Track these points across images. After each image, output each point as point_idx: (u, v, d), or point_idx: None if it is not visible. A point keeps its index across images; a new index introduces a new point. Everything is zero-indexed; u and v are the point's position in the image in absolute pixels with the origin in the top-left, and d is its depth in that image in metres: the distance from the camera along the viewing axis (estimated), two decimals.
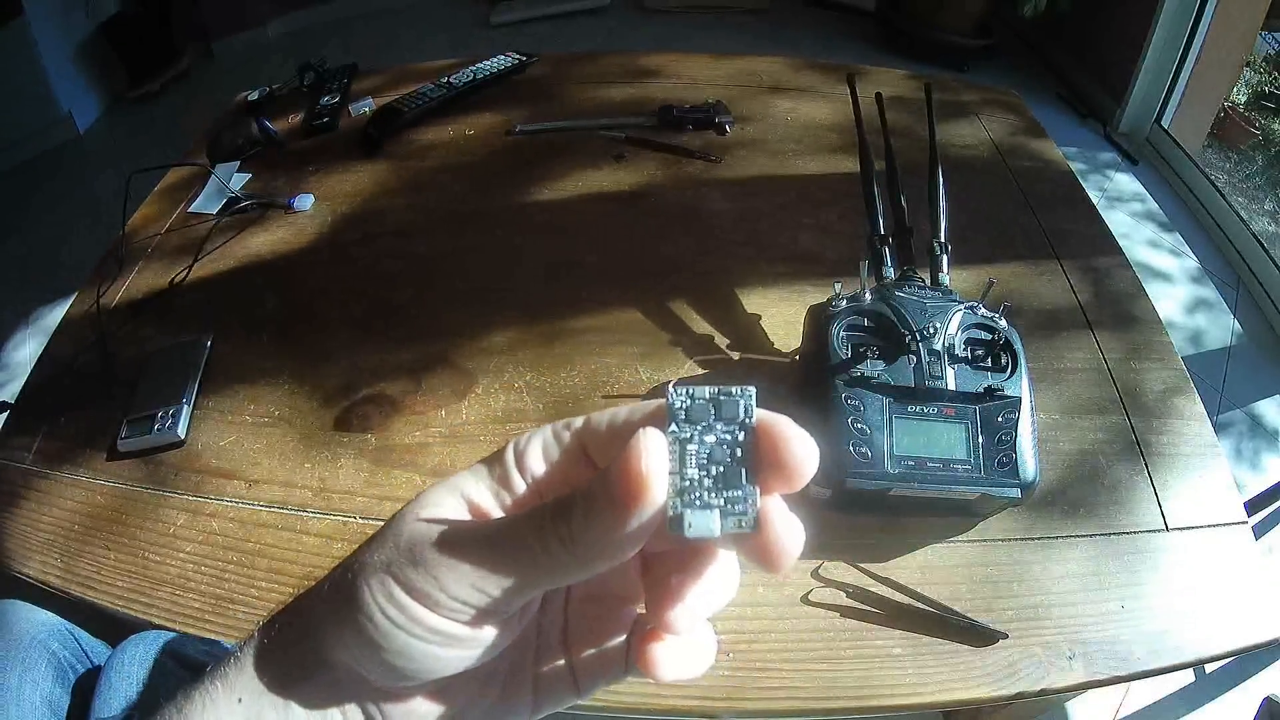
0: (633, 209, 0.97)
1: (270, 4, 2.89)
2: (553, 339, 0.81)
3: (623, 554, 0.20)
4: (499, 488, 0.23)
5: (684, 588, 0.22)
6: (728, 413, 0.20)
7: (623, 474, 0.19)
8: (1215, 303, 1.83)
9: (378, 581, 0.21)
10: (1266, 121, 2.36)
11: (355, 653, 0.21)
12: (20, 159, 2.33)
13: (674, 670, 0.22)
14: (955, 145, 1.07)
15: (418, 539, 0.21)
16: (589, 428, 0.23)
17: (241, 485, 0.69)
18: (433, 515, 0.22)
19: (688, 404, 0.20)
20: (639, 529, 0.19)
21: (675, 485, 0.20)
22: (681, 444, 0.20)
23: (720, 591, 0.22)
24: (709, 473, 0.20)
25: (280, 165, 1.07)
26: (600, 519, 0.19)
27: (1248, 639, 0.60)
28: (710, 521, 0.19)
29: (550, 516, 0.20)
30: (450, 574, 0.20)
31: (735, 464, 0.20)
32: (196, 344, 0.80)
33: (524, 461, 0.23)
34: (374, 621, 0.21)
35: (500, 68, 1.20)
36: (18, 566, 0.65)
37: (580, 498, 0.20)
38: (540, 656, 0.25)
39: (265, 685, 0.22)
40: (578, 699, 0.26)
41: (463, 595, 0.20)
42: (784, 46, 2.67)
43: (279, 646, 0.23)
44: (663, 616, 0.22)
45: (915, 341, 0.62)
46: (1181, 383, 0.77)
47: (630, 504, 0.19)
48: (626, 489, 0.19)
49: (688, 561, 0.22)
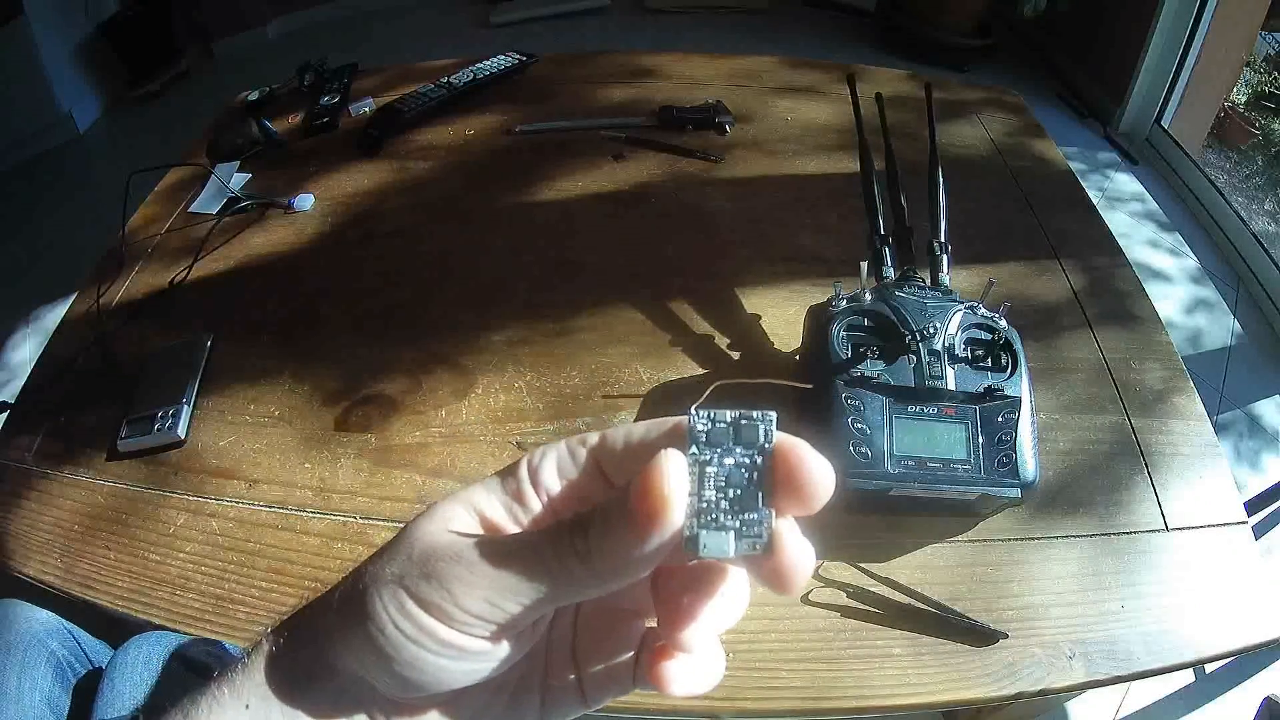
0: (633, 209, 0.97)
1: (270, 4, 2.89)
2: (553, 339, 0.81)
3: (639, 572, 0.20)
4: (512, 502, 0.23)
5: (696, 606, 0.22)
6: (747, 437, 0.21)
7: (643, 494, 0.19)
8: (1215, 303, 1.83)
9: (390, 594, 0.21)
10: (1266, 121, 2.36)
11: (366, 663, 0.21)
12: (20, 159, 2.33)
13: (686, 686, 0.22)
14: (955, 145, 1.07)
15: (431, 552, 0.21)
16: (605, 445, 0.23)
17: (241, 485, 0.69)
18: (445, 528, 0.22)
19: (709, 427, 0.21)
20: (656, 548, 0.20)
21: (692, 506, 0.20)
22: (701, 466, 0.20)
23: (732, 609, 0.22)
24: (726, 495, 0.20)
25: (280, 165, 1.07)
26: (618, 537, 0.20)
27: (1248, 639, 0.60)
28: (725, 543, 0.20)
29: (568, 533, 0.20)
30: (464, 588, 0.20)
31: (752, 487, 0.20)
32: (196, 344, 0.80)
33: (538, 477, 0.23)
34: (385, 634, 0.21)
35: (500, 68, 1.20)
36: (18, 566, 0.65)
37: (599, 515, 0.20)
38: (549, 668, 0.25)
39: (274, 692, 0.22)
40: (584, 709, 0.26)
41: (476, 610, 0.20)
42: (784, 46, 2.66)
43: (288, 654, 0.23)
44: (676, 635, 0.22)
45: (915, 341, 0.62)
46: (1181, 383, 0.77)
47: (649, 524, 0.19)
48: (646, 509, 0.19)
49: (700, 580, 0.22)
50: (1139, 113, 2.29)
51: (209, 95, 1.59)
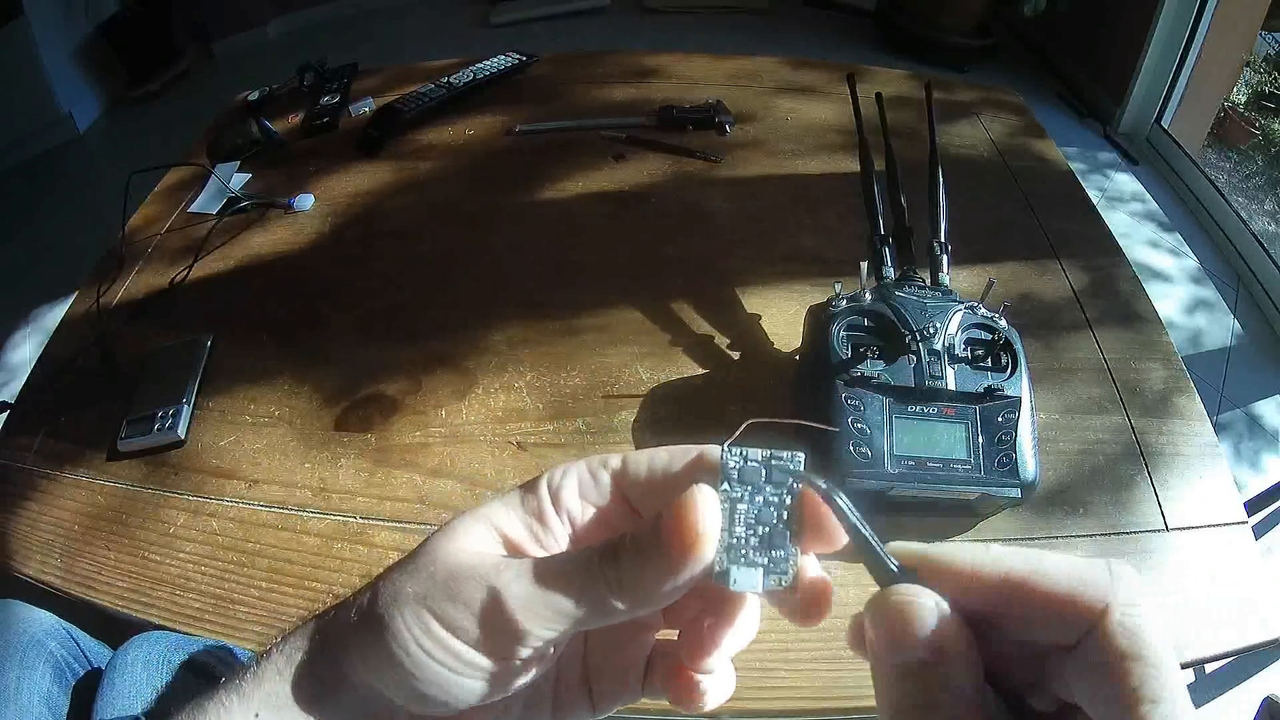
0: (633, 209, 0.97)
1: (270, 4, 2.89)
2: (553, 339, 0.81)
3: (667, 602, 0.21)
4: (533, 521, 0.23)
5: (718, 633, 0.23)
6: (778, 477, 0.21)
7: (677, 529, 0.20)
8: (1215, 303, 1.83)
9: (412, 614, 0.21)
10: (1266, 121, 2.36)
11: (385, 679, 0.21)
12: (20, 159, 2.33)
13: (710, 703, 0.23)
14: (955, 145, 1.07)
15: (455, 572, 0.21)
16: (627, 470, 0.24)
17: (241, 485, 0.69)
18: (467, 547, 0.22)
19: (740, 465, 0.21)
20: (687, 581, 0.20)
21: (723, 541, 0.21)
22: (732, 503, 0.21)
23: (748, 633, 0.24)
24: (755, 532, 0.21)
25: (280, 165, 1.07)
26: (651, 569, 0.20)
27: (1248, 639, 0.60)
28: (754, 579, 0.21)
29: (599, 561, 0.21)
30: (491, 612, 0.20)
31: (780, 525, 0.21)
32: (196, 344, 0.80)
33: (559, 497, 0.23)
34: (409, 653, 0.21)
35: (500, 68, 1.20)
36: (18, 566, 0.65)
37: (630, 545, 0.20)
38: (561, 678, 0.26)
39: (285, 701, 0.22)
40: (592, 716, 0.26)
41: (505, 633, 0.21)
42: (784, 46, 2.67)
43: (302, 665, 0.23)
44: (701, 662, 0.23)
45: (915, 341, 0.62)
46: (1181, 383, 0.77)
47: (682, 559, 0.20)
48: (680, 544, 0.20)
49: (721, 607, 0.23)
50: (1139, 113, 2.29)
51: (209, 95, 1.59)
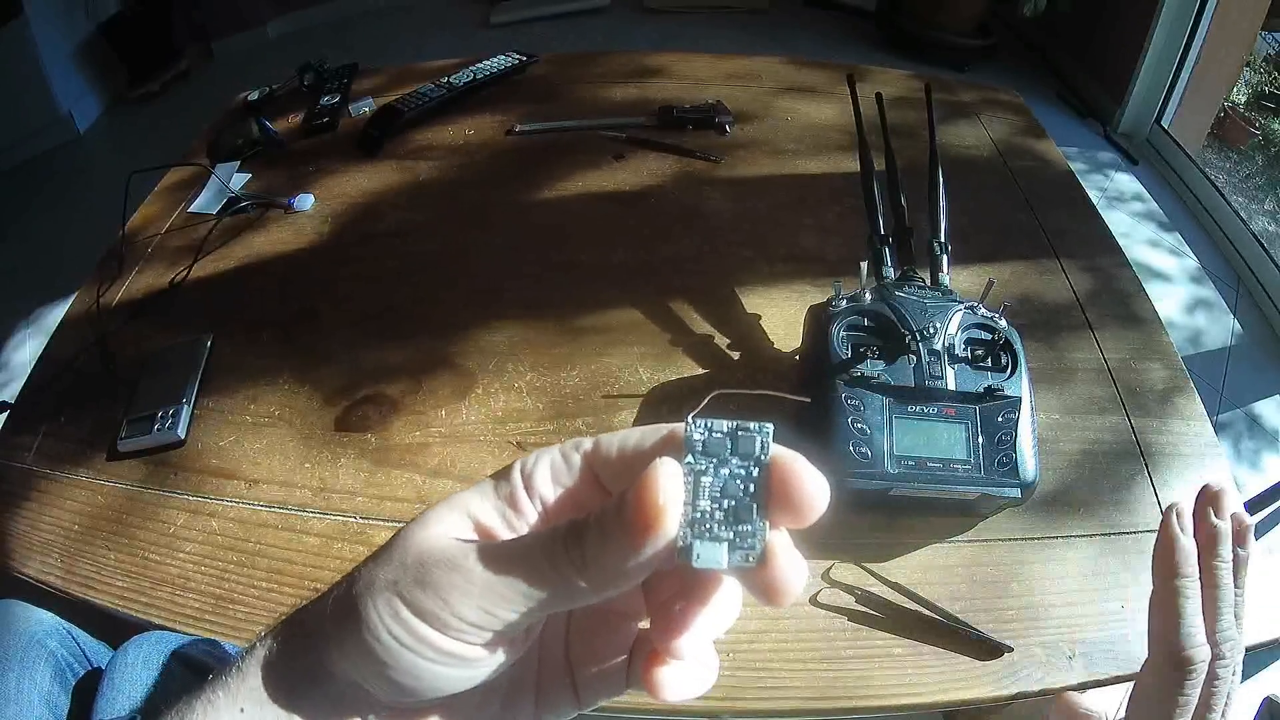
0: (633, 209, 0.97)
1: (270, 4, 2.89)
2: (553, 339, 0.81)
3: (633, 580, 0.20)
4: (506, 507, 0.23)
5: (689, 615, 0.22)
6: (744, 448, 0.20)
7: (638, 503, 0.19)
8: (1215, 303, 1.83)
9: (384, 601, 0.21)
10: (1266, 121, 2.36)
11: (361, 669, 0.21)
12: (20, 159, 2.33)
13: (679, 693, 0.22)
14: (955, 145, 1.07)
15: (425, 558, 0.21)
16: (599, 451, 0.23)
17: (241, 485, 0.69)
18: (439, 534, 0.22)
19: (705, 437, 0.21)
20: (651, 557, 0.20)
21: (687, 516, 0.20)
22: (696, 475, 0.20)
23: (724, 617, 0.23)
24: (721, 506, 0.20)
25: (280, 165, 1.07)
26: (614, 546, 0.20)
27: (1248, 639, 0.59)
28: (718, 554, 0.20)
29: (563, 540, 0.20)
30: (459, 596, 0.20)
31: (747, 499, 0.20)
32: (196, 344, 0.80)
33: (532, 482, 0.23)
34: (380, 641, 0.21)
35: (500, 68, 1.20)
36: (18, 566, 0.65)
37: (594, 523, 0.20)
38: (543, 669, 0.25)
39: (269, 696, 0.22)
40: (578, 710, 0.26)
41: (471, 617, 0.20)
42: (784, 46, 2.67)
43: (284, 658, 0.23)
44: (669, 644, 0.22)
45: (915, 341, 0.62)
46: (1181, 383, 0.77)
47: (644, 533, 0.19)
48: (641, 518, 0.19)
49: (693, 588, 0.22)
50: (1139, 113, 2.29)
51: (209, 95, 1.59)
